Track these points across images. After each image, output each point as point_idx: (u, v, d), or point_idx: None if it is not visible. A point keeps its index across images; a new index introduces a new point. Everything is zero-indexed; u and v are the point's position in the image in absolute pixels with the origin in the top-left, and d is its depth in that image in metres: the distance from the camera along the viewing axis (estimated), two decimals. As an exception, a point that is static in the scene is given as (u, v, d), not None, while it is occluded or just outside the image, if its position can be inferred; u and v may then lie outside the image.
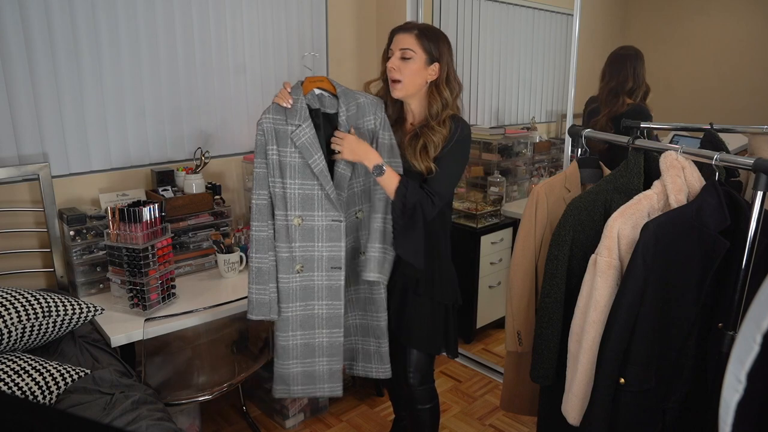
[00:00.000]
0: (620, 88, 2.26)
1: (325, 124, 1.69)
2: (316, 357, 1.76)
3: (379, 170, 1.61)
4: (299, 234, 1.67)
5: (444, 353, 1.87)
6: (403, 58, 1.64)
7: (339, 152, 1.64)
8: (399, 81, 1.65)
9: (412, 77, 1.65)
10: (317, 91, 1.68)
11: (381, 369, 1.82)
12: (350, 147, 1.62)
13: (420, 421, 1.92)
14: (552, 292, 1.63)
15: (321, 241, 1.68)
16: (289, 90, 1.65)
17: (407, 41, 1.64)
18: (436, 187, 1.64)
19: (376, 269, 1.68)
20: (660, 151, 1.52)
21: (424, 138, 1.65)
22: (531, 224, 1.77)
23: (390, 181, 1.61)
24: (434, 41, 1.66)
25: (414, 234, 1.64)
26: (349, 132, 1.66)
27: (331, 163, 1.68)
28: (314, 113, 1.67)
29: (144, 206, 1.86)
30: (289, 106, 1.62)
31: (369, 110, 1.68)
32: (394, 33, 1.69)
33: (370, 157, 1.61)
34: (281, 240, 1.67)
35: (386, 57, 1.70)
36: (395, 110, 1.77)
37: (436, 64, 1.66)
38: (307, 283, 1.71)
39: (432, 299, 1.77)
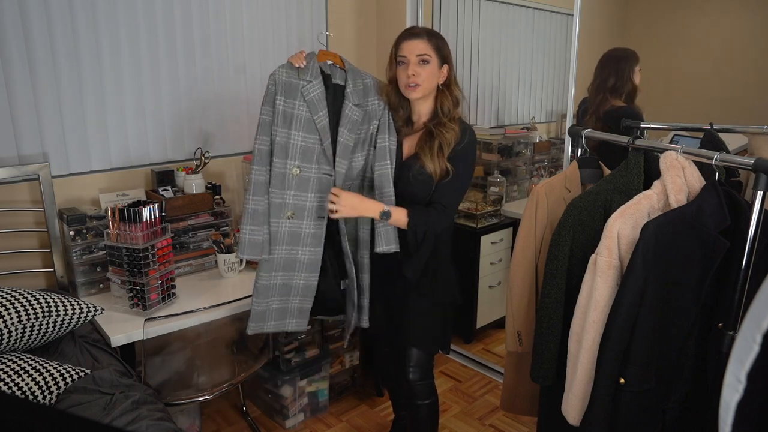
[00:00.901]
0: (602, 86, 2.28)
1: (335, 91, 1.77)
2: (291, 296, 1.85)
3: (386, 216, 1.69)
4: (295, 183, 1.75)
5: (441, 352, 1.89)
6: (422, 62, 1.70)
7: (336, 211, 1.68)
8: (419, 85, 1.70)
9: (430, 80, 1.72)
10: (329, 62, 1.79)
11: (363, 319, 1.89)
12: (350, 204, 1.69)
13: (420, 417, 1.93)
14: (552, 292, 1.63)
15: (313, 192, 1.76)
16: (304, 54, 1.76)
17: (421, 47, 1.70)
18: (446, 199, 1.72)
19: (385, 242, 1.76)
20: (660, 151, 1.52)
21: (438, 138, 1.69)
22: (531, 224, 1.78)
23: (398, 219, 1.70)
24: (442, 44, 1.74)
25: (421, 252, 1.75)
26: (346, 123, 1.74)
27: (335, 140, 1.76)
28: (327, 79, 1.77)
29: (144, 206, 1.86)
30: (302, 66, 1.73)
31: (373, 92, 1.80)
32: (402, 40, 1.73)
33: (371, 209, 1.70)
34: (276, 186, 1.75)
35: (394, 63, 1.76)
36: (405, 111, 1.82)
37: (446, 66, 1.74)
38: (295, 229, 1.78)
39: (432, 299, 1.79)
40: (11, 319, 1.60)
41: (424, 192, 1.73)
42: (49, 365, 1.57)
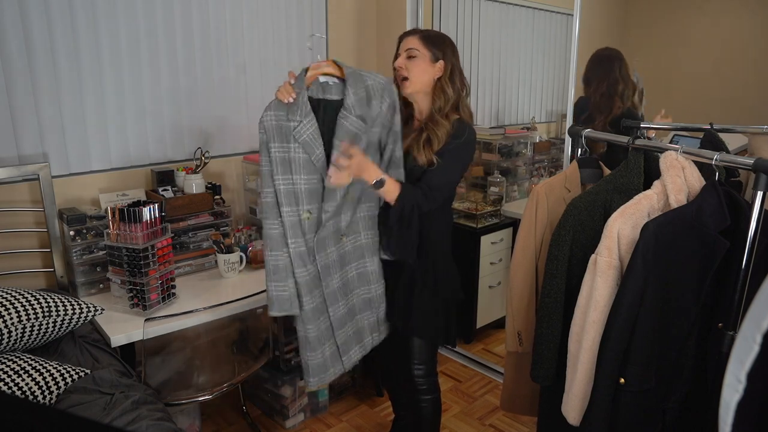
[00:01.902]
0: (613, 92, 2.27)
1: (328, 111, 1.67)
2: (347, 324, 1.82)
3: (378, 184, 1.62)
4: (308, 227, 1.69)
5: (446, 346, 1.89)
6: (409, 57, 1.74)
7: (344, 168, 1.57)
8: (407, 78, 1.74)
9: (419, 74, 1.74)
10: (322, 79, 1.67)
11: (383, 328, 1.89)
12: (358, 163, 1.59)
13: (422, 413, 1.94)
14: (552, 292, 1.63)
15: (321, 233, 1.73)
16: (292, 82, 1.66)
17: (412, 42, 1.76)
18: (431, 180, 1.69)
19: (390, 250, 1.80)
20: (660, 151, 1.52)
21: (428, 132, 1.73)
22: (531, 224, 1.78)
23: (389, 190, 1.65)
24: (436, 41, 1.77)
25: (409, 233, 1.72)
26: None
27: (328, 153, 1.68)
28: (317, 103, 1.67)
29: (144, 206, 1.86)
30: (291, 101, 1.63)
31: (376, 93, 1.68)
32: (401, 39, 1.80)
33: (372, 173, 1.62)
34: (296, 235, 1.67)
35: (395, 59, 1.80)
36: (408, 108, 1.84)
37: (441, 62, 1.75)
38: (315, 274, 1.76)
39: (435, 293, 1.81)
40: (11, 319, 1.60)
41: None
42: (49, 365, 1.57)
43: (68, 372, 1.57)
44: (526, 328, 1.82)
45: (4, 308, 1.61)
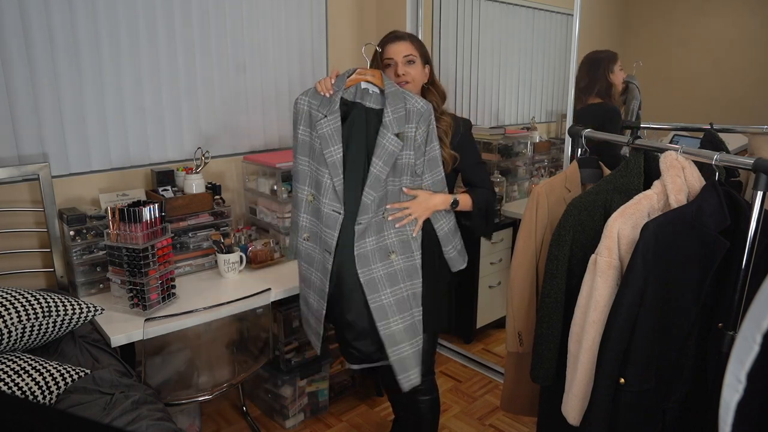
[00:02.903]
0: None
1: (369, 116, 1.72)
2: (310, 311, 1.89)
3: (455, 204, 1.79)
4: (310, 209, 1.81)
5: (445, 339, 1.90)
6: (408, 62, 1.80)
7: (413, 216, 1.74)
8: (408, 83, 1.80)
9: (417, 78, 1.82)
10: (364, 85, 1.72)
11: (407, 378, 1.78)
12: (422, 207, 1.74)
13: (421, 413, 1.94)
14: (552, 292, 1.63)
15: (321, 223, 1.77)
16: (333, 81, 1.72)
17: (406, 48, 1.80)
18: (484, 181, 1.89)
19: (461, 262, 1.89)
20: (660, 151, 1.52)
21: (436, 131, 1.77)
22: (531, 224, 1.78)
23: (465, 203, 1.82)
24: (422, 45, 1.86)
25: (489, 221, 1.92)
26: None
27: (363, 157, 1.72)
28: (351, 105, 1.73)
29: (144, 206, 1.86)
30: (328, 95, 1.71)
31: (413, 118, 1.68)
32: (387, 43, 1.82)
33: (442, 202, 1.77)
34: (297, 207, 1.83)
35: (380, 66, 1.82)
36: None
37: (428, 66, 1.86)
38: (310, 251, 1.83)
39: (434, 281, 1.84)
40: (11, 319, 1.60)
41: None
42: (49, 365, 1.57)
43: (68, 372, 1.57)
44: (526, 329, 1.82)
45: (4, 308, 1.61)
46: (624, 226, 1.41)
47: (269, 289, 2.02)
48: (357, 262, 1.72)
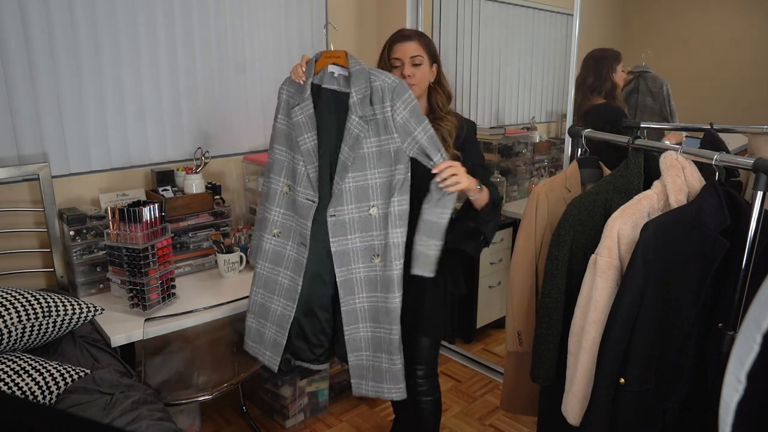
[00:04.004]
0: (582, 85, 2.33)
1: (339, 104, 1.62)
2: (267, 321, 1.77)
3: (479, 190, 1.63)
4: (285, 201, 1.71)
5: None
6: (414, 65, 1.74)
7: (457, 183, 1.53)
8: (415, 85, 1.74)
9: (423, 80, 1.77)
10: (330, 68, 1.64)
11: (395, 389, 1.69)
12: (465, 174, 1.56)
13: (423, 414, 1.94)
14: (552, 292, 1.63)
15: (297, 215, 1.69)
16: (303, 67, 1.66)
17: (413, 48, 1.74)
18: (487, 185, 1.70)
19: (422, 265, 1.63)
20: (660, 151, 1.52)
21: (440, 132, 1.73)
22: (531, 224, 1.78)
23: (484, 194, 1.66)
24: (430, 44, 1.80)
25: (498, 216, 1.78)
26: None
27: (335, 145, 1.63)
28: (321, 91, 1.65)
29: (144, 206, 1.86)
30: (302, 83, 1.64)
31: (386, 96, 1.54)
32: (394, 43, 1.77)
33: (473, 181, 1.60)
34: (269, 201, 1.73)
35: (387, 65, 1.77)
36: None
37: (435, 65, 1.80)
38: (279, 249, 1.73)
39: (444, 290, 1.82)
40: (11, 319, 1.60)
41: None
42: (49, 365, 1.57)
43: (68, 372, 1.57)
44: (526, 328, 1.82)
45: (4, 308, 1.61)
46: (624, 226, 1.41)
47: (269, 289, 2.02)
48: (335, 259, 1.62)
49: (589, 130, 1.81)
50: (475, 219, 1.72)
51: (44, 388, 1.52)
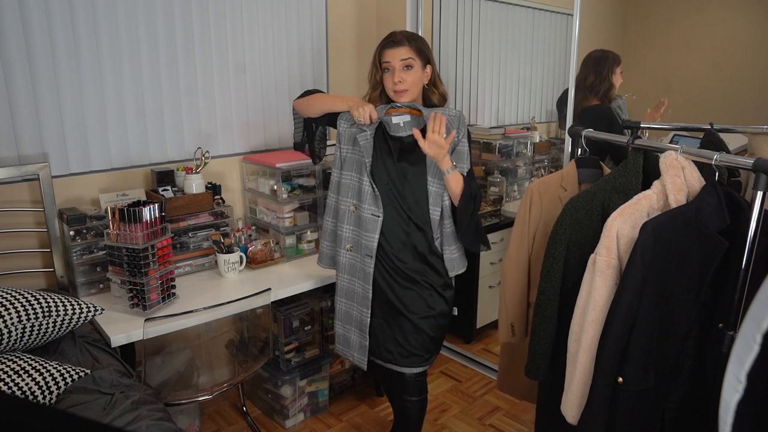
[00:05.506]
0: (582, 84, 2.33)
1: (394, 145, 1.82)
2: (352, 326, 1.94)
3: (452, 170, 1.71)
4: (353, 219, 1.86)
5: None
6: (406, 67, 1.76)
7: (437, 144, 1.67)
8: (406, 90, 1.76)
9: (416, 84, 1.78)
10: (395, 120, 1.82)
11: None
12: (438, 143, 1.65)
13: (408, 412, 1.97)
14: (547, 290, 1.64)
15: (365, 230, 1.82)
16: (374, 114, 1.80)
17: (404, 52, 1.75)
18: (474, 182, 1.81)
19: (460, 266, 1.89)
20: (660, 151, 1.52)
21: None
22: (524, 221, 1.83)
23: (458, 179, 1.73)
24: (423, 45, 1.80)
25: (475, 218, 1.81)
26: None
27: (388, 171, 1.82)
28: (385, 135, 1.83)
29: (144, 206, 1.86)
30: (368, 123, 1.79)
31: (453, 125, 1.77)
32: (384, 47, 1.78)
33: (447, 159, 1.70)
34: (342, 220, 1.89)
35: (379, 69, 1.80)
36: None
37: (429, 66, 1.81)
38: (354, 262, 1.89)
39: (450, 294, 1.89)
40: (11, 319, 1.60)
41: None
42: (49, 365, 1.57)
43: (68, 372, 1.57)
44: (518, 320, 1.90)
45: (4, 308, 1.61)
46: (623, 225, 1.41)
47: (269, 289, 2.02)
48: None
49: (589, 129, 1.81)
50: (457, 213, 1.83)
51: (44, 388, 1.52)
